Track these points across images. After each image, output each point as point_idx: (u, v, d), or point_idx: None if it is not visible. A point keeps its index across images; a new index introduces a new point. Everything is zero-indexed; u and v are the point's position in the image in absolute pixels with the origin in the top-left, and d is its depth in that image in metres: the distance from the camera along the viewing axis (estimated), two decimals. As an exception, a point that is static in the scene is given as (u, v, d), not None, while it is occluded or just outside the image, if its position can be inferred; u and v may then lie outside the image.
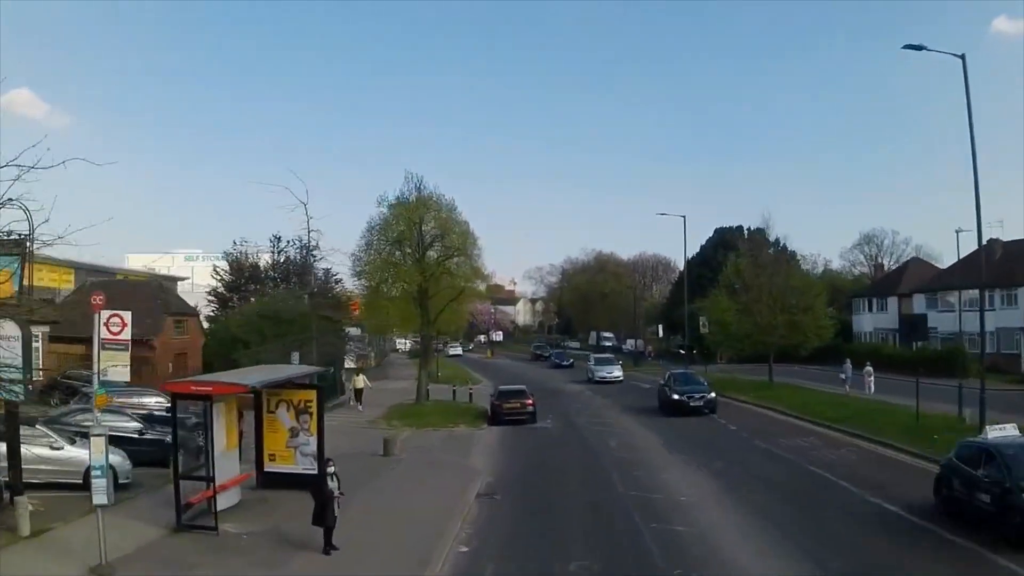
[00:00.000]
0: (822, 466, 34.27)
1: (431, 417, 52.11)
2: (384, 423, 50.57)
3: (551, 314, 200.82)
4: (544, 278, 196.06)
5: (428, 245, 56.44)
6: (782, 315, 65.43)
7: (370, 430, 47.26)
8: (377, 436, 42.56)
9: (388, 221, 55.99)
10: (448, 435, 46.23)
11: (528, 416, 50.93)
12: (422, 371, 60.08)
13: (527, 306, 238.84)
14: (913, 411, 43.14)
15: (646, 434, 45.54)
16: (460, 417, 52.79)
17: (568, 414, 56.11)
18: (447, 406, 58.68)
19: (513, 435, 46.55)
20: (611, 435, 45.27)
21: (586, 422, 51.59)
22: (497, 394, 53.83)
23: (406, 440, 43.43)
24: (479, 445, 42.77)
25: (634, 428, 48.41)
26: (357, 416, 53.43)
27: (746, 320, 66.93)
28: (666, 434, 44.75)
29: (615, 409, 58.56)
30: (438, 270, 56.14)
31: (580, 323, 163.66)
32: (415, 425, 49.38)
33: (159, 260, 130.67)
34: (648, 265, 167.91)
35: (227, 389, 26.39)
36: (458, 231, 56.84)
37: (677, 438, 43.43)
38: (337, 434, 42.95)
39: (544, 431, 48.21)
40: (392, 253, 56.44)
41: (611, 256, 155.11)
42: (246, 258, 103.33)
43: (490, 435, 46.69)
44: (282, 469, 29.62)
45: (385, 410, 56.46)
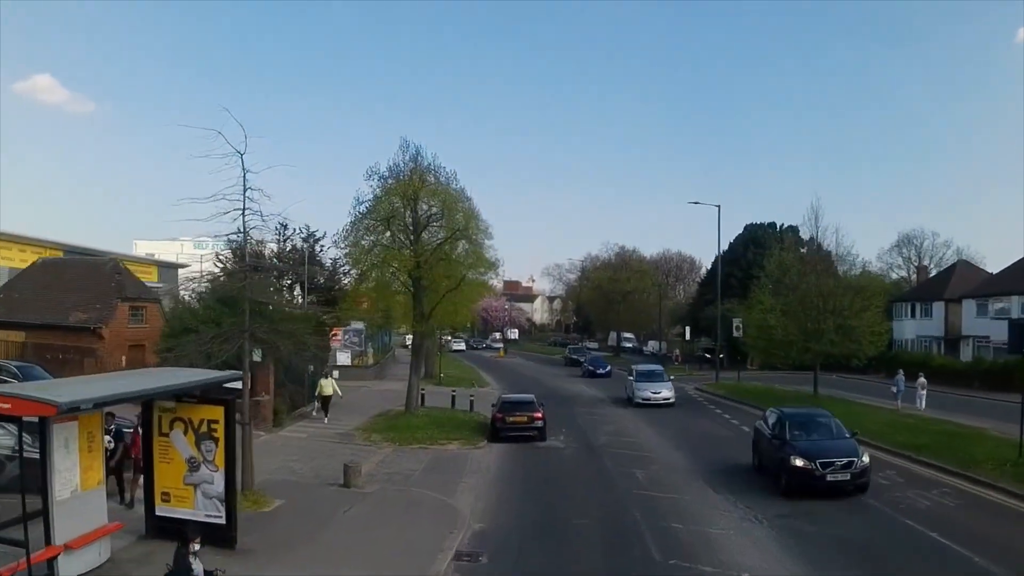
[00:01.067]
0: (919, 518, 25.42)
1: (420, 431, 43.45)
2: (361, 437, 42.06)
3: (569, 312, 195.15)
4: (563, 275, 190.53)
5: (424, 226, 47.69)
6: (833, 319, 57.68)
7: (340, 447, 38.76)
8: (347, 456, 34.50)
9: (378, 197, 47.24)
10: (436, 457, 37.43)
11: (536, 432, 42.68)
12: (413, 374, 51.15)
13: (544, 304, 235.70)
14: (1000, 435, 37.66)
15: (670, 452, 37.15)
16: (455, 431, 44.11)
17: (583, 428, 47.94)
18: (442, 416, 50.04)
19: (516, 458, 38.19)
20: (638, 462, 36.65)
21: (607, 441, 43.22)
22: (500, 404, 45.21)
23: (381, 463, 35.02)
24: (471, 473, 33.97)
25: (669, 455, 39.74)
26: (326, 429, 44.65)
27: (791, 323, 58.47)
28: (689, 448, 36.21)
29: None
30: (435, 255, 47.19)
31: (600, 323, 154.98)
32: (398, 441, 40.80)
33: (167, 246, 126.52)
34: (672, 263, 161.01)
35: (29, 408, 16.53)
36: (461, 210, 47.86)
37: (713, 470, 34.72)
38: (297, 453, 36.15)
39: (555, 453, 39.73)
40: (382, 234, 47.55)
41: (634, 252, 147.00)
42: (252, 245, 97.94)
43: (488, 457, 38.22)
44: (178, 513, 20.87)
45: (367, 419, 48.14)
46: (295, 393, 48.96)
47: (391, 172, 47.56)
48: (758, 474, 33.23)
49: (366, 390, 64.76)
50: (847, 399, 58.09)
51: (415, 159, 47.60)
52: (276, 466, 32.84)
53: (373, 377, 72.72)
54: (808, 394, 59.47)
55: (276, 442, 39.40)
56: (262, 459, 30.82)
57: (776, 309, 58.79)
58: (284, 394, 46.77)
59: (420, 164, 47.54)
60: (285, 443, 39.19)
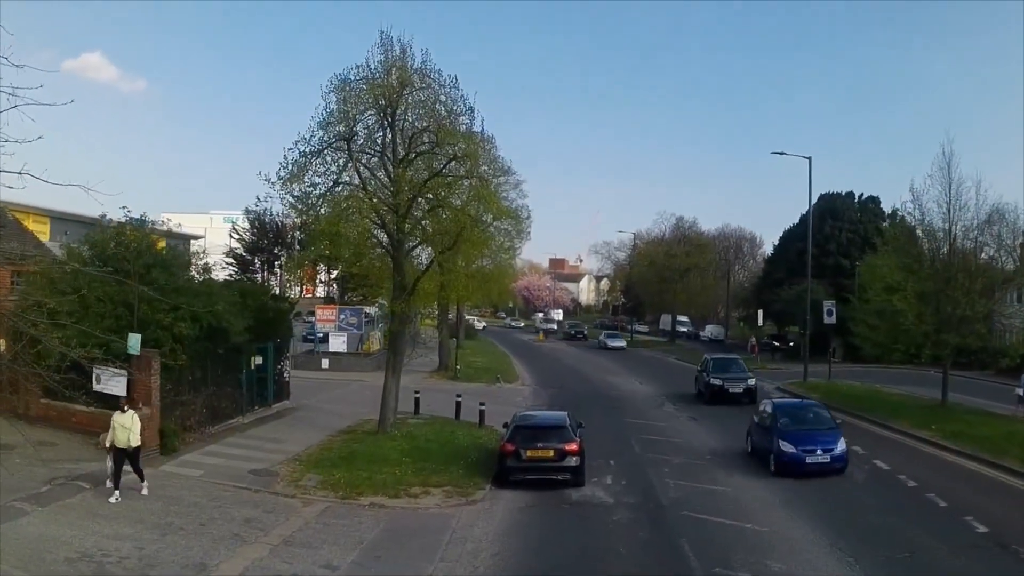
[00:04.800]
0: None
1: (387, 466, 28.17)
2: (288, 478, 26.85)
3: (617, 293, 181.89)
4: (612, 253, 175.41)
5: (410, 148, 32.36)
6: (983, 304, 43.53)
7: (238, 503, 23.53)
8: (236, 525, 21.13)
9: (343, 104, 31.75)
10: (391, 529, 21.98)
11: (568, 475, 27.31)
12: (389, 377, 34.82)
13: (591, 284, 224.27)
14: None
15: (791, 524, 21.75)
16: (443, 466, 28.82)
17: (639, 460, 32.37)
18: (432, 435, 34.89)
19: (531, 529, 22.89)
20: (742, 551, 21.16)
21: (680, 492, 27.25)
22: (513, 428, 28.89)
23: (277, 550, 19.37)
24: (443, 575, 18.84)
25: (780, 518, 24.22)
26: (241, 462, 28.69)
27: (927, 308, 42.86)
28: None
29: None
30: (430, 191, 32.67)
31: (652, 304, 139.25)
32: (344, 487, 25.67)
33: (196, 219, 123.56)
34: (731, 240, 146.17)
35: None
36: (464, 131, 32.19)
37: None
38: (155, 515, 21.78)
39: (599, 517, 24.16)
40: (344, 167, 32.26)
41: (693, 224, 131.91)
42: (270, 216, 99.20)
43: (483, 526, 22.83)
44: None
45: (321, 439, 33.24)
46: (217, 397, 33.39)
47: (363, 77, 31.88)
48: None
49: (357, 386, 50.28)
50: (980, 408, 44.53)
51: (400, 57, 31.82)
52: (77, 553, 17.97)
53: (373, 368, 57.25)
54: (933, 404, 45.52)
55: (142, 487, 23.99)
56: (70, 530, 19.58)
57: (907, 289, 42.76)
58: (196, 401, 31.40)
59: (406, 66, 31.74)
60: (156, 489, 23.77)
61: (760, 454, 32.07)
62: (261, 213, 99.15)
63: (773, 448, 30.18)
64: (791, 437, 30.19)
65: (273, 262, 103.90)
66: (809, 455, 29.25)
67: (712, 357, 56.78)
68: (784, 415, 32.12)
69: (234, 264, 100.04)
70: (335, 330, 62.37)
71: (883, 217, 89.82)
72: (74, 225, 59.86)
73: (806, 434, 30.62)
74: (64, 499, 21.50)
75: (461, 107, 32.32)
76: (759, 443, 32.65)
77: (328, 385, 49.84)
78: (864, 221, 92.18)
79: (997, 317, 48.29)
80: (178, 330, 28.30)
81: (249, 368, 36.32)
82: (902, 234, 47.23)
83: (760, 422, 33.19)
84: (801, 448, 29.51)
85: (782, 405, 34.62)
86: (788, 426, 31.06)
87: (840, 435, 30.40)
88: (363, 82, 31.48)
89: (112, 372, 26.39)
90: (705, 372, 53.51)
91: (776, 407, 33.28)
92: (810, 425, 31.52)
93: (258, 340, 36.24)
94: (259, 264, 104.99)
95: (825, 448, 29.72)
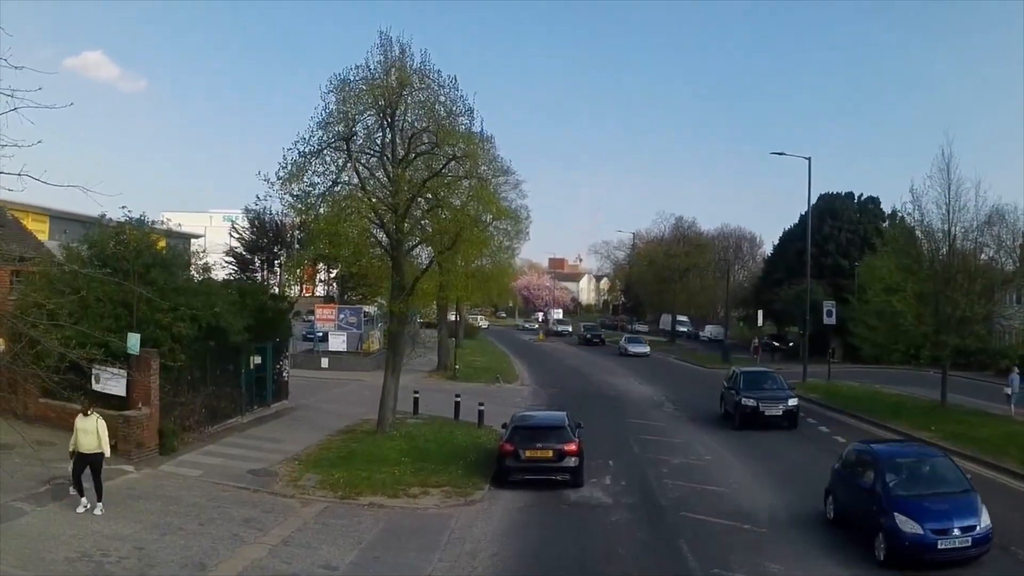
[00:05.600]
0: None
1: (386, 466, 28.16)
2: (287, 478, 26.83)
3: (617, 292, 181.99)
4: (611, 253, 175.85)
5: (409, 148, 32.40)
6: (983, 305, 43.46)
7: (238, 502, 23.60)
8: (237, 523, 21.21)
9: (342, 105, 31.81)
10: (390, 529, 22.06)
11: (567, 475, 27.34)
12: (389, 377, 34.79)
13: (591, 283, 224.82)
14: None
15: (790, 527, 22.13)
16: (442, 466, 28.75)
17: (638, 461, 32.42)
18: (432, 435, 34.75)
19: (531, 529, 22.91)
20: (735, 545, 21.40)
21: (679, 492, 27.32)
22: (512, 428, 28.89)
23: (276, 549, 19.44)
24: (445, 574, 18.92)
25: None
26: (239, 463, 28.62)
27: (926, 309, 42.87)
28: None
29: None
30: (430, 191, 32.62)
31: (652, 304, 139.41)
32: (343, 487, 25.62)
33: (196, 219, 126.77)
34: (731, 240, 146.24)
35: None
36: (463, 131, 32.15)
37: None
38: (155, 514, 21.82)
39: (598, 517, 24.20)
40: (343, 167, 32.23)
41: (692, 224, 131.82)
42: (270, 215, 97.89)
43: (483, 525, 22.88)
44: None
45: (319, 439, 33.13)
46: (216, 397, 33.31)
47: (362, 77, 31.83)
48: None
49: (356, 386, 50.02)
50: (976, 408, 44.69)
51: (399, 57, 31.75)
52: (76, 553, 17.93)
53: (373, 368, 57.13)
54: (933, 404, 45.61)
55: (142, 487, 24.14)
56: (70, 530, 19.57)
57: (906, 290, 42.71)
58: (195, 401, 31.32)
59: (405, 66, 31.68)
60: (155, 489, 24.02)
61: (850, 523, 23.15)
62: (261, 212, 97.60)
63: (883, 524, 20.72)
64: (912, 508, 20.64)
65: (272, 261, 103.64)
66: (942, 537, 19.93)
67: (743, 371, 45.98)
68: (895, 471, 22.52)
69: (233, 263, 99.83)
70: (334, 329, 62.08)
71: (883, 218, 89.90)
72: (74, 224, 59.66)
73: (935, 503, 21.11)
74: (63, 499, 21.42)
75: (460, 107, 32.25)
76: (850, 508, 23.36)
77: (327, 385, 49.69)
78: (863, 221, 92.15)
79: (996, 318, 48.32)
80: (177, 330, 28.21)
81: (248, 368, 36.23)
82: (901, 235, 47.10)
83: (851, 474, 23.82)
84: (930, 526, 20.08)
85: (888, 454, 24.17)
86: (905, 488, 21.75)
87: (978, 501, 21.23)
88: (362, 82, 31.40)
89: (111, 372, 26.42)
90: (734, 390, 43.37)
91: (880, 457, 23.41)
92: (937, 487, 22.25)
93: (257, 340, 36.09)
94: (258, 263, 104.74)
95: (964, 525, 20.22)
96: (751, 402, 40.94)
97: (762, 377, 44.57)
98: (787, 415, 40.89)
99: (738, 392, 42.21)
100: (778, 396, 41.58)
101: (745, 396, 41.39)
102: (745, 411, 40.94)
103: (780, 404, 40.91)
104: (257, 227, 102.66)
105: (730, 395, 43.71)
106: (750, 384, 42.87)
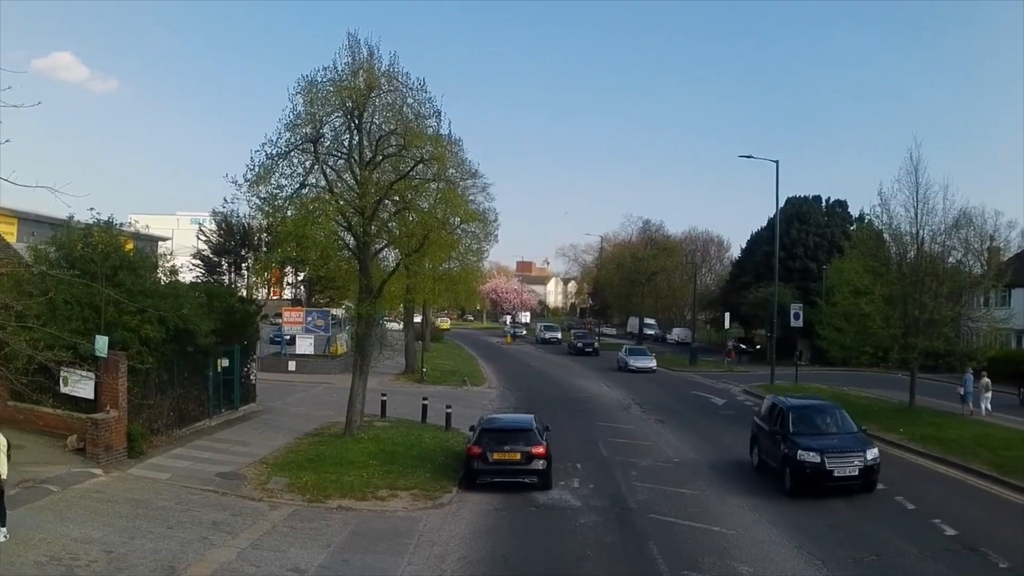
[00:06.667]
0: None
1: (354, 469, 28.12)
2: (255, 481, 26.64)
3: (584, 296, 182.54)
4: (579, 256, 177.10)
5: (377, 150, 32.29)
6: (951, 307, 43.79)
7: (206, 506, 23.40)
8: (206, 527, 21.09)
9: (310, 107, 31.68)
10: (358, 532, 21.99)
11: (535, 478, 27.26)
12: (356, 379, 34.83)
13: (558, 286, 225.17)
14: None
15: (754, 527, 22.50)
16: (410, 469, 28.70)
17: (608, 463, 32.46)
18: (400, 438, 34.54)
19: (499, 532, 22.91)
20: (706, 549, 21.29)
21: (647, 494, 27.20)
22: (480, 431, 28.93)
23: (245, 553, 19.28)
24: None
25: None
26: (208, 465, 28.55)
27: (894, 312, 43.30)
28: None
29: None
30: (396, 195, 32.67)
31: (619, 307, 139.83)
32: (311, 490, 25.52)
33: (163, 221, 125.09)
34: (699, 243, 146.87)
35: None
36: (431, 133, 32.36)
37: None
38: (121, 519, 21.21)
39: (567, 520, 24.14)
40: (310, 170, 32.18)
41: (660, 227, 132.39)
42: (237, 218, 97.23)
43: (451, 528, 22.87)
44: None
45: (288, 442, 33.03)
46: (184, 400, 33.21)
47: (330, 79, 31.77)
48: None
49: (323, 389, 50.17)
50: (940, 410, 45.22)
51: (367, 59, 31.72)
52: (46, 557, 17.72)
53: (340, 370, 57.00)
54: (901, 406, 46.06)
55: (111, 490, 23.96)
56: (39, 533, 19.15)
57: (874, 292, 43.13)
58: (163, 404, 31.20)
59: (373, 68, 31.64)
60: (124, 492, 23.86)
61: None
62: (228, 215, 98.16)
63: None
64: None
65: (240, 264, 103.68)
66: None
67: (790, 405, 30.07)
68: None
69: (201, 266, 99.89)
70: (302, 332, 61.83)
71: (850, 221, 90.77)
72: (42, 226, 59.38)
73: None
74: (33, 502, 21.27)
75: (428, 110, 32.31)
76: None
77: (295, 387, 49.57)
78: (831, 225, 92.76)
79: (964, 321, 48.55)
80: (145, 332, 28.06)
81: (216, 370, 36.04)
82: (870, 238, 47.60)
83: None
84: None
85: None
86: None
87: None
88: (330, 84, 31.35)
89: (80, 375, 26.34)
90: (779, 434, 28.61)
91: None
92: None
93: (225, 342, 35.92)
94: (226, 266, 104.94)
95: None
96: (812, 456, 26.48)
97: (818, 413, 30.12)
98: (865, 475, 26.59)
99: (786, 437, 28.02)
100: (848, 445, 27.27)
101: (802, 446, 26.98)
102: (803, 470, 26.55)
103: (856, 457, 26.56)
104: (224, 230, 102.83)
105: (772, 440, 29.51)
106: (803, 424, 28.86)
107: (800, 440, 27.34)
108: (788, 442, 27.59)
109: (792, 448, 27.09)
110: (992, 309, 53.54)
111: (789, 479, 26.73)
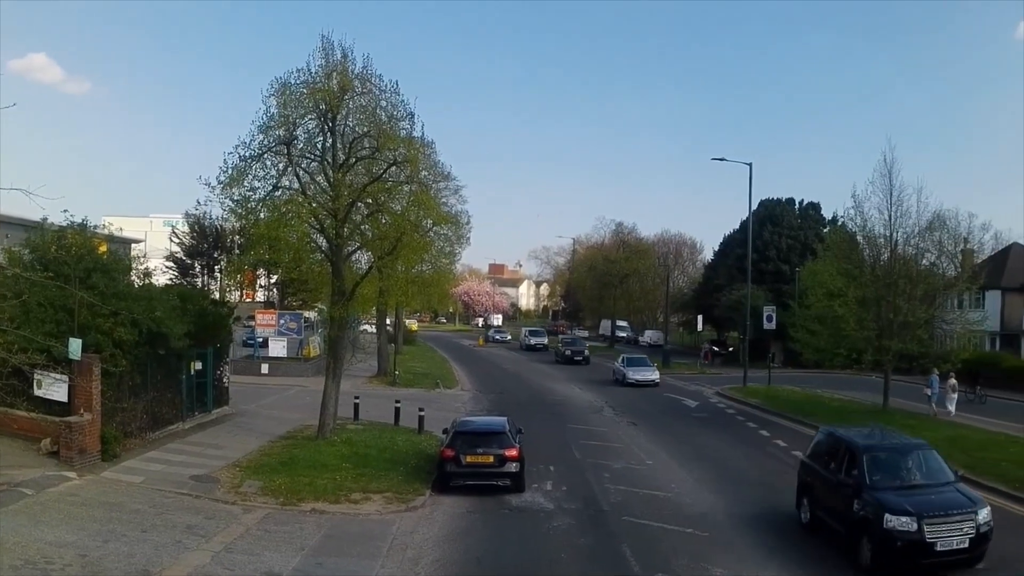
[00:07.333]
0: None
1: (327, 472, 28.16)
2: (228, 484, 26.61)
3: (557, 298, 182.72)
4: (551, 258, 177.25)
5: (350, 152, 32.38)
6: (923, 310, 44.56)
7: (179, 509, 23.28)
8: (178, 531, 20.98)
9: (283, 109, 31.58)
10: (331, 535, 22.00)
11: (508, 481, 27.36)
12: (329, 381, 34.91)
13: (531, 289, 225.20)
14: None
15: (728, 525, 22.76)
16: (383, 472, 28.78)
17: (580, 465, 32.55)
18: (372, 441, 34.51)
19: (471, 535, 22.93)
20: (684, 552, 21.50)
21: (621, 496, 27.47)
22: (452, 433, 28.91)
23: (219, 557, 19.26)
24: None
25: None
26: (181, 467, 28.46)
27: (867, 314, 43.98)
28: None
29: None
30: (369, 196, 32.81)
31: (592, 309, 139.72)
32: (285, 493, 25.50)
33: (136, 223, 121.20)
34: (671, 246, 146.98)
35: None
36: (403, 135, 32.47)
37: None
38: (93, 524, 21.08)
39: (540, 523, 24.20)
40: (284, 172, 32.14)
41: (633, 230, 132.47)
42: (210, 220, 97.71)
43: (424, 531, 22.91)
44: None
45: (260, 445, 32.90)
46: (158, 403, 33.09)
47: (303, 81, 31.72)
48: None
49: (296, 392, 49.83)
50: (914, 411, 45.71)
51: (340, 61, 31.74)
52: (20, 560, 17.64)
53: (313, 373, 56.95)
54: (875, 407, 47.02)
55: (85, 493, 23.75)
56: (13, 537, 19.02)
57: (848, 295, 43.39)
58: (137, 407, 31.10)
59: (347, 70, 31.66)
60: (98, 495, 23.68)
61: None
62: (201, 217, 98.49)
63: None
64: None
65: (213, 266, 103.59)
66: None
67: (863, 444, 21.77)
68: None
69: (174, 268, 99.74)
70: (275, 335, 61.47)
71: (823, 223, 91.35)
72: (15, 228, 58.91)
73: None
74: (7, 505, 21.15)
75: (402, 112, 32.40)
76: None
77: (268, 390, 49.26)
78: (804, 227, 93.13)
79: (938, 323, 49.01)
80: (118, 335, 27.95)
81: (189, 373, 35.85)
82: (843, 240, 47.94)
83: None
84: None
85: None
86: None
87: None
88: (304, 86, 31.28)
89: (53, 378, 26.27)
90: (849, 486, 20.72)
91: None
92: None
93: (198, 345, 35.71)
94: (199, 268, 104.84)
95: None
96: (909, 523, 18.58)
97: (903, 455, 21.72)
98: (975, 546, 18.87)
99: (862, 492, 20.18)
100: (953, 504, 19.37)
101: (890, 507, 19.05)
102: (892, 542, 18.71)
103: (965, 521, 18.76)
104: (197, 232, 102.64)
105: (835, 493, 21.62)
106: (884, 471, 20.83)
107: (885, 497, 19.23)
108: (865, 498, 19.65)
109: (875, 508, 19.02)
110: (966, 311, 53.97)
111: (868, 552, 18.75)
